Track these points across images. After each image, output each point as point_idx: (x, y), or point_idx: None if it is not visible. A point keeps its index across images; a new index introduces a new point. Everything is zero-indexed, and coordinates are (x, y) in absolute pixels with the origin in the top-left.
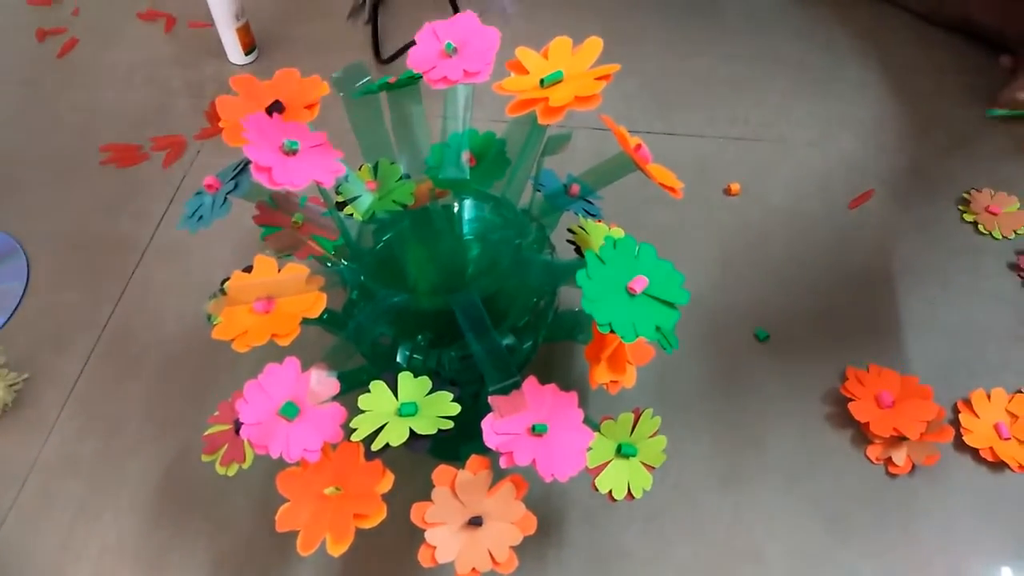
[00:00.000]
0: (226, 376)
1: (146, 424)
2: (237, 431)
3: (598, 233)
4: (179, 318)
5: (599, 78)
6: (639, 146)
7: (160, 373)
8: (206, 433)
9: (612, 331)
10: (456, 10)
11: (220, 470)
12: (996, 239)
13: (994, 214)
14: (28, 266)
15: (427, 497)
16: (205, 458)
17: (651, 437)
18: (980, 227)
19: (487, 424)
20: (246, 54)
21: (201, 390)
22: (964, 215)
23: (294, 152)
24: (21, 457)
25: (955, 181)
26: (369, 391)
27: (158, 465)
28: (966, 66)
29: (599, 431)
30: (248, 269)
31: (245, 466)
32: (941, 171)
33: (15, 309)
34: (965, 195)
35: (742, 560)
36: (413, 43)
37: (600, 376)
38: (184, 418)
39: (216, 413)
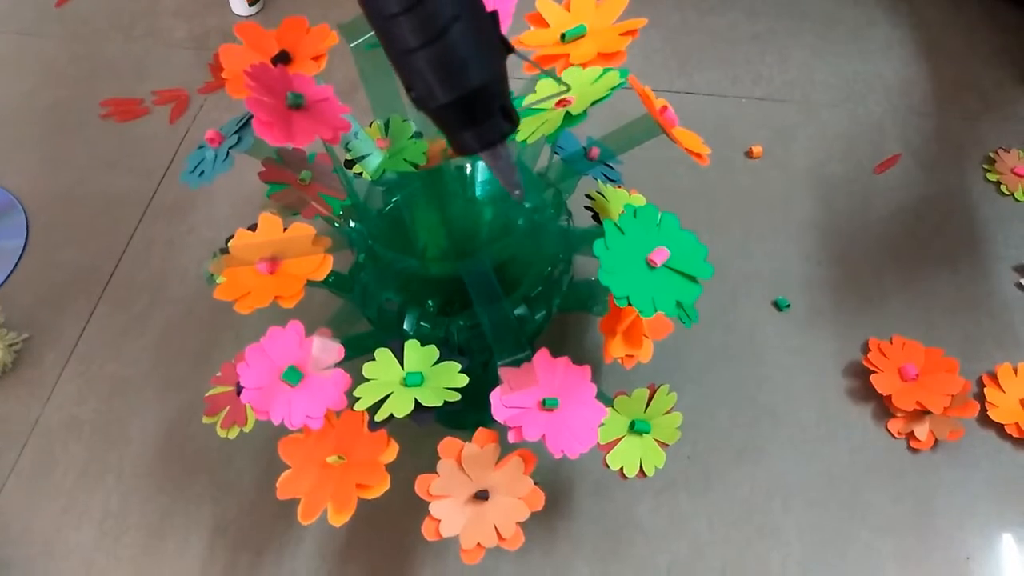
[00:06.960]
0: (230, 335)
1: (148, 385)
2: (239, 393)
3: (618, 200)
4: (182, 277)
5: (624, 33)
6: (665, 108)
7: (162, 333)
8: (208, 394)
9: (630, 305)
10: None
11: (221, 433)
12: (1019, 201)
13: (1020, 176)
14: (27, 223)
15: (432, 468)
16: (206, 420)
17: (666, 414)
18: (1003, 188)
19: (496, 397)
20: (250, 4)
21: (204, 350)
22: (988, 174)
23: (299, 107)
24: (21, 419)
25: (984, 146)
26: (374, 358)
27: (160, 427)
28: (999, 25)
29: (612, 406)
30: (253, 227)
31: (247, 429)
32: (970, 135)
33: (14, 267)
34: (991, 155)
35: (758, 534)
36: None
37: (615, 350)
38: (187, 379)
39: (219, 374)
